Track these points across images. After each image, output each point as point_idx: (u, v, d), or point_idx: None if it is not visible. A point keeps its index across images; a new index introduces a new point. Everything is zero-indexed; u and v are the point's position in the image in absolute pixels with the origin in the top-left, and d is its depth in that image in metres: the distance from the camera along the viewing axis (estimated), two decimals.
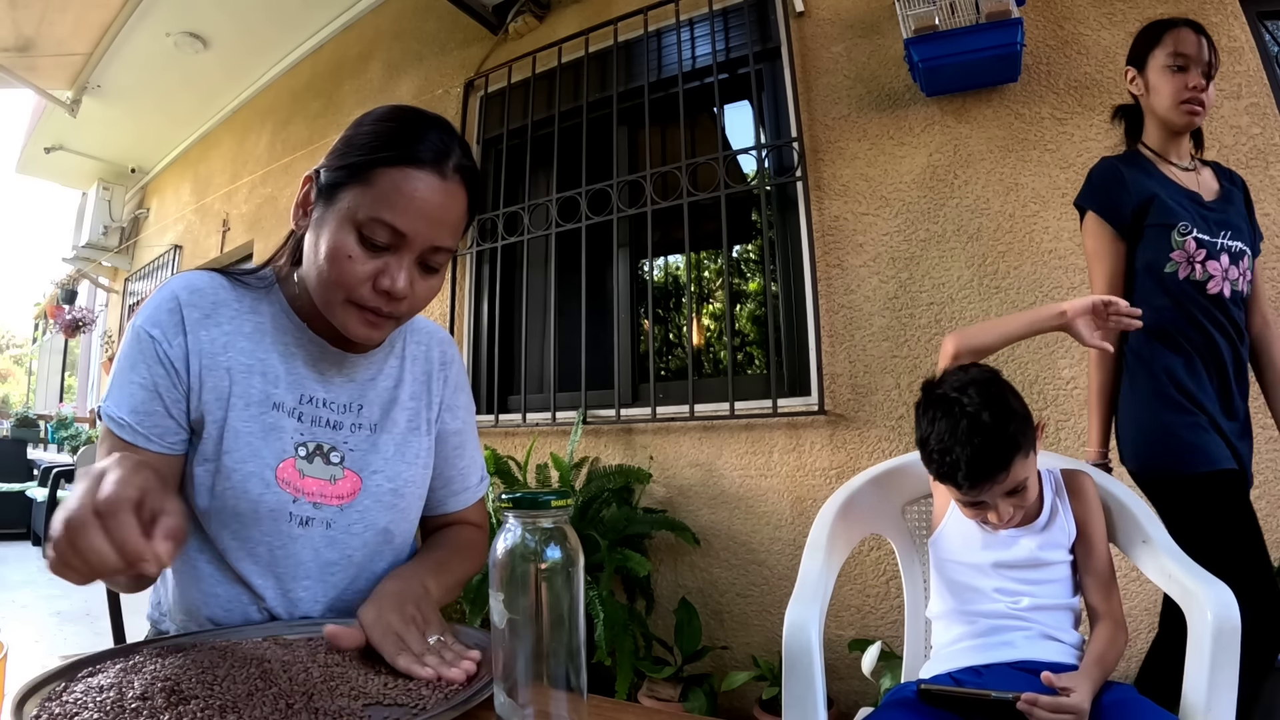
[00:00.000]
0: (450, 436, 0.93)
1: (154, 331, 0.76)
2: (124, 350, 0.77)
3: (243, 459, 0.76)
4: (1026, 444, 0.99)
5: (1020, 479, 0.99)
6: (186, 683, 0.52)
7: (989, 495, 1.00)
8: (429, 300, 0.78)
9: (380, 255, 0.72)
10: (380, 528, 0.84)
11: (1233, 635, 0.88)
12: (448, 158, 0.72)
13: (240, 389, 0.77)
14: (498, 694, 0.50)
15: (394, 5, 3.68)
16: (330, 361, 0.84)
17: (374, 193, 0.70)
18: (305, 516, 0.78)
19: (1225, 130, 1.77)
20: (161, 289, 0.79)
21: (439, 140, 0.72)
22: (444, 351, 0.95)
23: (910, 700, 0.94)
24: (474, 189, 0.76)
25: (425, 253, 0.73)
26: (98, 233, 5.70)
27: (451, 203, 0.73)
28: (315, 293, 0.76)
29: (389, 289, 0.72)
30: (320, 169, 0.75)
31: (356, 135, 0.74)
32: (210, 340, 0.77)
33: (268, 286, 0.84)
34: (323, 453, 0.81)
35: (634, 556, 2.07)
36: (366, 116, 0.75)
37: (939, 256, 2.06)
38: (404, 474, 0.85)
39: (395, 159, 0.70)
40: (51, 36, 3.81)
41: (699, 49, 2.62)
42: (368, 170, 0.70)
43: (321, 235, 0.73)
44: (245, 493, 0.76)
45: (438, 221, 0.72)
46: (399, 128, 0.72)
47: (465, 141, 0.77)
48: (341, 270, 0.71)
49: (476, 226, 3.00)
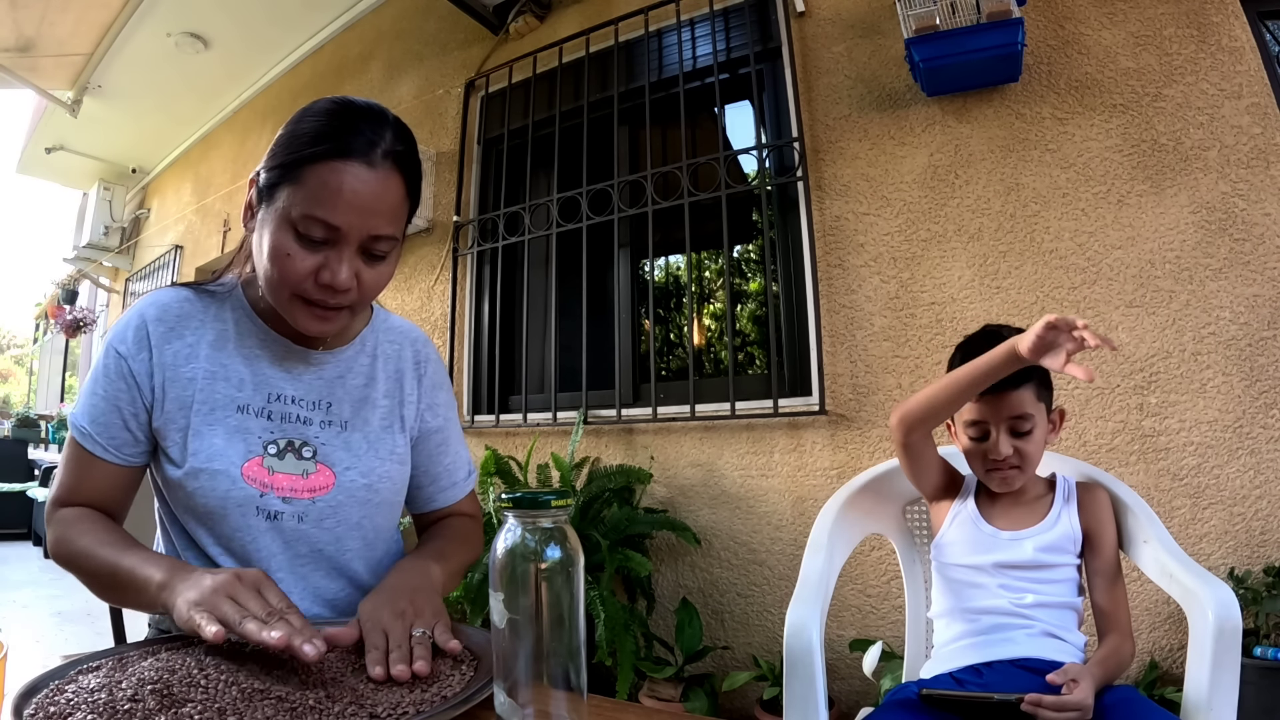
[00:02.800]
0: (432, 435, 0.95)
1: (120, 348, 0.80)
2: (95, 365, 0.81)
3: (208, 458, 0.78)
4: (1045, 389, 1.06)
5: (1026, 410, 1.03)
6: (179, 685, 0.52)
7: (993, 412, 1.03)
8: (379, 288, 0.79)
9: (319, 250, 0.73)
10: (353, 522, 0.85)
11: (1234, 635, 0.88)
12: (375, 146, 0.72)
13: (204, 395, 0.80)
14: (498, 694, 0.50)
15: (395, 5, 3.68)
16: (297, 359, 0.86)
17: (304, 190, 0.71)
18: (273, 510, 0.80)
19: (1225, 130, 1.77)
20: (129, 310, 0.83)
21: (367, 130, 0.72)
22: (418, 351, 0.96)
23: (911, 700, 0.94)
24: (409, 172, 0.76)
25: (365, 242, 0.74)
26: (98, 233, 5.69)
27: (384, 191, 0.73)
28: (265, 292, 0.78)
29: (330, 283, 0.73)
30: (260, 170, 0.76)
31: (290, 133, 0.74)
32: (174, 353, 0.81)
33: (230, 292, 0.86)
34: (294, 449, 0.82)
35: (635, 556, 2.06)
36: (304, 112, 0.76)
37: (940, 256, 2.06)
38: (378, 469, 0.87)
39: (323, 154, 0.70)
40: (52, 36, 3.81)
41: (700, 49, 2.62)
42: (298, 168, 0.71)
43: (264, 236, 0.75)
44: (213, 490, 0.78)
45: (370, 211, 0.72)
46: (328, 123, 0.72)
47: (402, 126, 0.77)
48: (283, 268, 0.73)
49: (477, 227, 3.01)
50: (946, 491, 1.16)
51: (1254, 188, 1.72)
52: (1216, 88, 1.79)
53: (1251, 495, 1.64)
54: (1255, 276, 1.69)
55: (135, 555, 0.73)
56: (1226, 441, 1.67)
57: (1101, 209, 1.87)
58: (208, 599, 0.60)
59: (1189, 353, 1.73)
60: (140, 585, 0.69)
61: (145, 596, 0.69)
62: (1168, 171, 1.81)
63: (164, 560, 0.72)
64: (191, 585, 0.63)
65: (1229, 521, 1.65)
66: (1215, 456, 1.68)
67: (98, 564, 0.74)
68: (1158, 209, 1.81)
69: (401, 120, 0.78)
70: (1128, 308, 1.81)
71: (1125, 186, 1.85)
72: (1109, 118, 1.90)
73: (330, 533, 0.84)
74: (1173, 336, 1.75)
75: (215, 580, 0.62)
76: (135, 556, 0.73)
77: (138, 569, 0.71)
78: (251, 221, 0.78)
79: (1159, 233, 1.80)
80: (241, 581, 0.63)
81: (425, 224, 3.19)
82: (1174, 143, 1.81)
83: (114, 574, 0.73)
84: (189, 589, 0.63)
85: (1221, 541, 1.65)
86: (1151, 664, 1.66)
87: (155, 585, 0.67)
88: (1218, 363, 1.70)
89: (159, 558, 0.73)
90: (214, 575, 0.64)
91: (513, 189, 3.02)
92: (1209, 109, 1.79)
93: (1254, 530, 1.62)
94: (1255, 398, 1.66)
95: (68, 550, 0.77)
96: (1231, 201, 1.74)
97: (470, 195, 3.10)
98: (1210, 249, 1.74)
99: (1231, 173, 1.74)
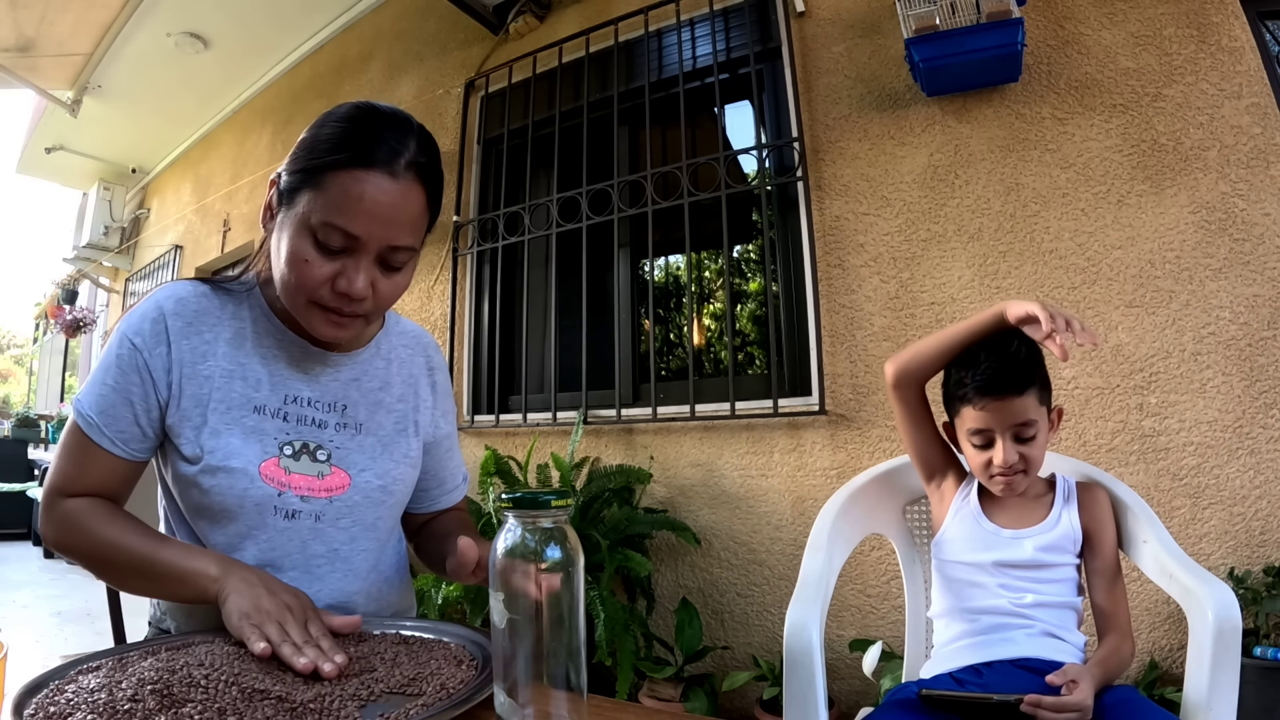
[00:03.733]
0: (443, 440, 0.97)
1: (136, 340, 0.78)
2: (106, 352, 0.79)
3: (225, 457, 0.78)
4: (1045, 391, 1.07)
5: (1030, 417, 1.03)
6: (179, 685, 0.52)
7: (997, 419, 1.04)
8: (395, 297, 0.79)
9: (337, 258, 0.72)
10: (368, 522, 0.86)
11: (1233, 635, 0.88)
12: (399, 156, 0.71)
13: (220, 394, 0.79)
14: (498, 694, 0.50)
15: (394, 5, 3.68)
16: (313, 360, 0.85)
17: (325, 197, 0.70)
18: (291, 509, 0.80)
19: (1225, 130, 1.77)
20: (147, 299, 0.81)
21: (391, 139, 0.72)
22: (430, 357, 0.97)
23: (911, 700, 0.94)
24: (431, 184, 0.76)
25: (383, 252, 0.74)
26: (98, 233, 5.69)
27: (405, 202, 0.72)
28: (281, 295, 0.77)
29: (346, 291, 0.73)
30: (281, 172, 0.76)
31: (313, 138, 0.74)
32: (191, 349, 0.80)
33: (249, 291, 0.85)
34: (309, 451, 0.82)
35: (635, 556, 2.06)
36: (328, 116, 0.75)
37: (940, 256, 2.06)
38: (392, 472, 0.87)
39: (345, 162, 0.70)
40: (52, 37, 3.81)
41: (699, 49, 2.62)
42: (319, 174, 0.71)
43: (282, 240, 0.74)
44: (230, 488, 0.77)
45: (390, 221, 0.72)
46: (351, 129, 0.72)
47: (426, 136, 0.77)
48: (300, 274, 0.73)
49: (477, 227, 3.00)
50: (944, 471, 1.16)
51: (1254, 188, 1.73)
52: (1216, 88, 1.79)
53: (1251, 495, 1.64)
54: (1255, 276, 1.69)
55: (172, 546, 0.76)
56: (1226, 441, 1.67)
57: (1101, 209, 1.87)
58: (257, 617, 0.65)
59: (1189, 353, 1.73)
60: (183, 576, 0.72)
61: (189, 588, 0.72)
62: (1168, 171, 1.81)
63: (208, 553, 0.75)
64: (245, 594, 0.68)
65: (1229, 521, 1.65)
66: (1215, 456, 1.68)
67: (129, 554, 0.74)
68: (1157, 209, 1.81)
69: (426, 129, 0.78)
70: (1128, 308, 1.81)
71: (1125, 186, 1.85)
72: (1109, 118, 1.90)
73: (346, 532, 0.84)
74: (1173, 336, 1.75)
75: (270, 602, 0.67)
76: (173, 548, 0.75)
77: (180, 560, 0.73)
78: (271, 223, 0.78)
79: (1159, 233, 1.80)
80: (292, 614, 0.66)
81: None
82: (1174, 143, 1.81)
83: (150, 564, 0.74)
84: (242, 598, 0.67)
85: (1221, 541, 1.65)
86: (1151, 664, 1.66)
87: (209, 578, 0.71)
88: (1218, 363, 1.70)
89: (201, 550, 0.77)
90: (269, 590, 0.68)
91: (512, 189, 3.02)
92: (1209, 109, 1.79)
93: (1254, 530, 1.62)
94: (1255, 398, 1.66)
95: (88, 541, 0.76)
96: (1231, 201, 1.74)
97: (470, 195, 3.11)
98: (1210, 249, 1.74)
99: (1231, 173, 1.74)
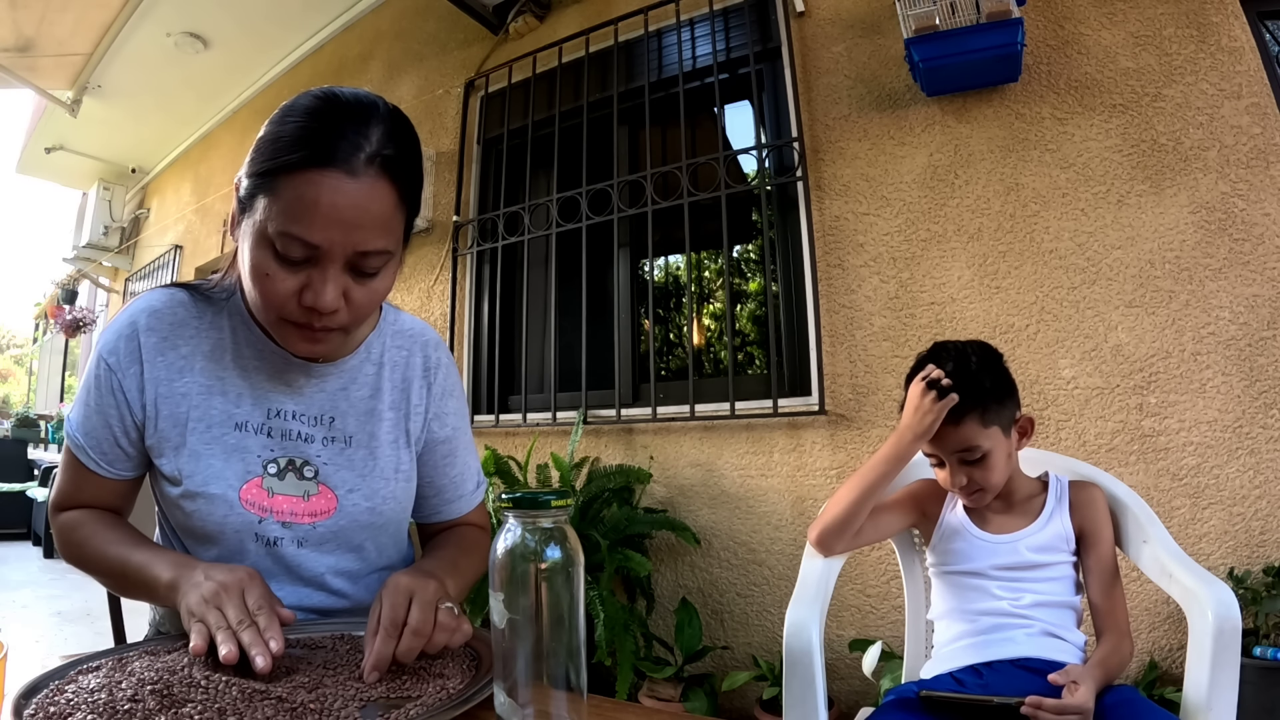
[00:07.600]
0: (439, 445, 0.88)
1: (110, 360, 0.75)
2: (88, 370, 0.77)
3: (204, 481, 0.75)
4: (991, 413, 1.03)
5: (972, 443, 1.02)
6: (179, 685, 0.52)
7: (939, 446, 1.05)
8: (374, 305, 0.71)
9: (301, 269, 0.65)
10: (355, 544, 0.82)
11: (1233, 634, 0.88)
12: (359, 151, 0.63)
13: (199, 412, 0.76)
14: (498, 694, 0.50)
15: (394, 5, 3.68)
16: (297, 371, 0.79)
17: (280, 203, 0.63)
18: (273, 537, 0.77)
19: (1225, 130, 1.77)
20: (123, 312, 0.78)
21: (351, 133, 0.63)
22: (428, 356, 0.88)
23: (911, 701, 0.94)
24: (401, 177, 0.66)
25: (352, 259, 0.65)
26: (98, 233, 5.69)
27: (369, 202, 0.64)
28: (253, 310, 0.72)
29: (314, 305, 0.65)
30: (240, 176, 0.68)
31: (269, 135, 0.65)
32: (167, 365, 0.76)
33: (229, 298, 0.80)
34: (295, 468, 0.78)
35: (634, 556, 2.06)
36: (287, 110, 0.66)
37: (939, 256, 2.06)
38: (381, 491, 0.82)
39: (298, 163, 0.62)
40: (52, 36, 3.81)
41: (699, 49, 2.62)
42: (273, 178, 0.63)
43: (244, 251, 0.67)
44: (210, 514, 0.75)
45: (353, 225, 0.63)
46: (307, 124, 0.63)
47: (396, 122, 0.67)
48: (264, 289, 0.66)
49: (477, 227, 3.00)
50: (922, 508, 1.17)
51: (1254, 188, 1.72)
52: (1216, 88, 1.79)
53: (1251, 495, 1.64)
54: (1255, 276, 1.69)
55: (141, 553, 0.73)
56: (1226, 441, 1.67)
57: (1101, 209, 1.87)
58: (199, 608, 0.61)
59: (1189, 353, 1.73)
60: (150, 585, 0.70)
61: (157, 596, 0.70)
62: (1167, 171, 1.81)
63: (169, 558, 0.71)
64: (192, 588, 0.64)
65: (1229, 521, 1.65)
66: (1215, 456, 1.68)
67: (109, 565, 0.75)
68: (1157, 209, 1.81)
69: (399, 112, 0.69)
70: (1127, 308, 1.81)
71: (1125, 186, 1.85)
72: (1109, 118, 1.90)
73: (331, 555, 0.81)
74: (1172, 336, 1.75)
75: (207, 588, 0.62)
76: (142, 555, 0.73)
77: (145, 569, 0.71)
78: (236, 231, 0.70)
79: (1159, 233, 1.80)
80: (226, 590, 0.62)
81: (425, 224, 3.19)
82: (1174, 143, 1.81)
83: (124, 574, 0.73)
84: (189, 593, 0.63)
85: (1221, 541, 1.65)
86: (1151, 664, 1.66)
87: (164, 587, 0.68)
88: (1217, 363, 1.70)
89: (164, 555, 0.72)
90: (210, 578, 0.64)
91: (512, 189, 3.01)
92: (1209, 109, 1.79)
93: (1254, 530, 1.62)
94: (1255, 398, 1.66)
95: (79, 554, 0.77)
96: (1231, 201, 1.74)
97: (470, 195, 3.10)
98: (1210, 249, 1.74)
99: (1231, 173, 1.74)
